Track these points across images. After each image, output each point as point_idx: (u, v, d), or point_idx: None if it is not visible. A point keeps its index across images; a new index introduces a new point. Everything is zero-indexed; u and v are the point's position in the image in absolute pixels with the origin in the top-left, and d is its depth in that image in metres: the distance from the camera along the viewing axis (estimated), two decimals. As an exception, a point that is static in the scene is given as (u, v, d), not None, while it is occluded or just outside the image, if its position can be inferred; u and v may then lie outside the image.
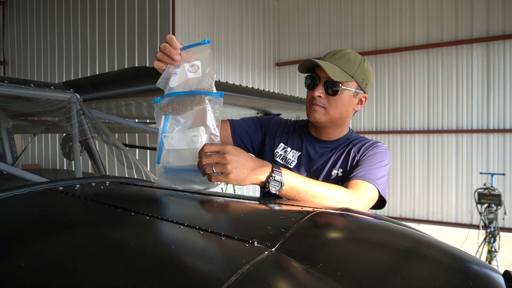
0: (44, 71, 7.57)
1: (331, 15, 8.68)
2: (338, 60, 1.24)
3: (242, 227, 0.76)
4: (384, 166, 1.27)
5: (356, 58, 1.27)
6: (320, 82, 1.25)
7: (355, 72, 1.25)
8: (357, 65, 1.26)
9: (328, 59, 1.25)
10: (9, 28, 8.03)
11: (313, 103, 1.27)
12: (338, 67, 1.23)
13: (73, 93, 1.85)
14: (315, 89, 1.25)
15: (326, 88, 1.24)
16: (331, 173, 1.32)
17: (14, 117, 2.52)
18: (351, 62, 1.25)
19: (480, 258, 2.71)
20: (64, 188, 1.00)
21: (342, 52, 1.26)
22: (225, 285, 0.47)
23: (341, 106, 1.28)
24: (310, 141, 1.39)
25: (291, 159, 1.37)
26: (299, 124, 1.47)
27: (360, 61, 1.28)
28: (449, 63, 7.44)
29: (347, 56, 1.25)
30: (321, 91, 1.25)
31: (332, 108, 1.26)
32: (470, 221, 6.43)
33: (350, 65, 1.24)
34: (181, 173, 1.00)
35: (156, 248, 0.64)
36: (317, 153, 1.36)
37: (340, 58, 1.24)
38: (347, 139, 1.37)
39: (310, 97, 1.29)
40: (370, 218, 0.83)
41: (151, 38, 6.19)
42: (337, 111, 1.28)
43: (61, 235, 0.71)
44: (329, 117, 1.28)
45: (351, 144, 1.34)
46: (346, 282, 0.54)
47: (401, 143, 7.95)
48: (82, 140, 1.80)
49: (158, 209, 0.87)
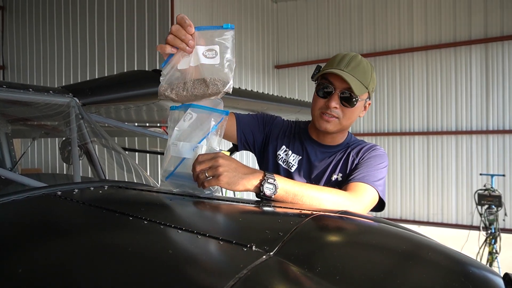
0: (44, 75, 7.58)
1: (329, 18, 8.70)
2: (355, 71, 1.20)
3: (240, 231, 0.75)
4: (383, 169, 1.27)
5: (368, 67, 1.25)
6: (335, 92, 1.21)
7: (369, 82, 1.24)
8: (369, 75, 1.24)
9: (345, 68, 1.20)
10: (8, 32, 8.04)
11: (326, 112, 1.23)
12: (357, 80, 1.20)
13: (72, 98, 1.85)
14: (331, 100, 1.21)
15: (343, 100, 1.22)
16: (331, 178, 1.31)
17: (13, 122, 2.52)
18: (366, 73, 1.22)
19: (480, 260, 2.70)
20: (63, 193, 1.00)
21: (357, 60, 1.22)
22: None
23: (354, 116, 1.27)
24: (311, 145, 1.38)
25: (292, 163, 1.37)
26: (299, 127, 1.45)
27: (371, 70, 1.26)
28: (448, 64, 7.45)
29: (362, 66, 1.22)
30: (337, 102, 1.21)
31: (346, 119, 1.25)
32: (471, 223, 6.41)
33: (365, 75, 1.22)
34: (184, 180, 1.01)
35: (154, 252, 0.64)
36: (318, 158, 1.35)
37: (356, 67, 1.21)
38: (347, 144, 1.36)
39: (322, 106, 1.25)
40: (368, 221, 0.82)
41: (150, 41, 6.20)
42: (349, 122, 1.27)
43: (59, 240, 0.71)
44: (340, 127, 1.27)
45: (350, 148, 1.34)
46: (344, 285, 0.54)
47: (401, 145, 7.95)
48: (81, 144, 1.79)
49: (156, 213, 0.87)
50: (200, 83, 0.95)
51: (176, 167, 0.99)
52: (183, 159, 0.98)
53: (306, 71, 9.00)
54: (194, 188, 1.00)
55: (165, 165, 1.01)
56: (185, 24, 0.92)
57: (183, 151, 0.97)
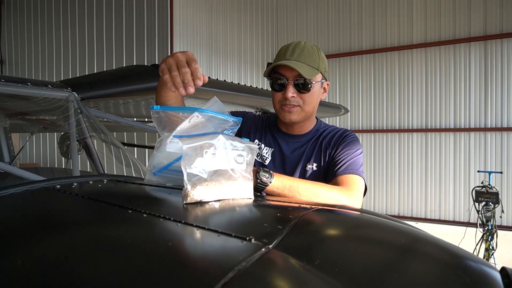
0: (42, 70, 7.55)
1: (329, 14, 8.68)
2: (301, 57, 1.23)
3: (239, 224, 0.76)
4: (360, 154, 1.31)
5: (313, 49, 1.26)
6: (288, 82, 1.24)
7: (318, 64, 1.26)
8: (317, 56, 1.26)
9: (291, 57, 1.23)
10: (6, 27, 8.00)
11: (286, 104, 1.26)
12: (305, 64, 1.22)
13: (71, 92, 1.85)
14: (286, 90, 1.24)
15: (298, 87, 1.24)
16: (306, 168, 1.32)
17: (11, 116, 2.51)
18: (312, 55, 1.25)
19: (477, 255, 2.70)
20: (62, 187, 1.00)
21: (300, 47, 1.25)
22: (221, 282, 0.47)
23: (314, 100, 1.30)
24: (281, 137, 1.39)
25: (265, 155, 1.38)
26: (269, 120, 1.47)
27: (317, 51, 1.28)
28: (447, 61, 7.45)
29: (306, 50, 1.24)
30: (293, 91, 1.24)
31: (307, 104, 1.28)
32: (468, 219, 6.44)
33: (312, 58, 1.24)
34: (180, 174, 0.99)
35: (153, 245, 0.64)
36: (290, 149, 1.37)
37: (301, 53, 1.23)
38: (317, 131, 1.39)
39: (280, 99, 1.28)
40: (367, 215, 0.83)
41: (149, 36, 6.18)
42: (311, 106, 1.30)
43: (58, 233, 0.71)
44: (304, 113, 1.30)
45: (321, 136, 1.36)
46: (343, 278, 0.54)
47: (399, 142, 7.96)
48: (80, 139, 1.79)
49: (155, 206, 0.87)
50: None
51: (172, 163, 0.98)
52: (182, 155, 0.97)
53: (305, 68, 8.97)
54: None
55: (155, 160, 0.98)
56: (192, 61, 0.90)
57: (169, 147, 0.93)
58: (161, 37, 6.09)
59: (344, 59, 8.55)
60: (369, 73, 8.25)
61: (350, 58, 8.48)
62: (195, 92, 1.00)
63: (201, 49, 6.87)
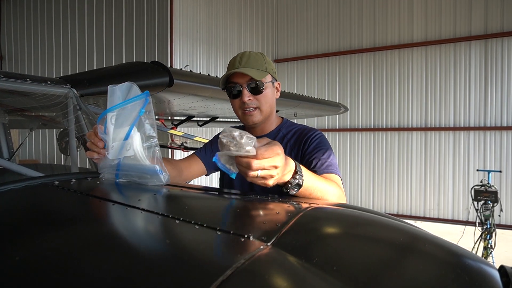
0: (42, 66, 7.53)
1: (329, 12, 8.66)
2: (249, 63, 1.34)
3: (237, 222, 0.75)
4: (332, 151, 1.35)
5: (258, 55, 1.38)
6: (243, 87, 1.34)
7: (266, 66, 1.37)
8: (263, 60, 1.38)
9: (239, 65, 1.34)
10: (6, 23, 7.98)
11: (245, 108, 1.36)
12: (254, 68, 1.33)
13: (70, 88, 1.84)
14: (243, 95, 1.34)
15: (252, 90, 1.34)
16: None
17: (10, 112, 2.51)
18: (258, 60, 1.36)
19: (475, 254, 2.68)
20: (60, 183, 1.00)
21: (246, 55, 1.37)
22: (220, 279, 0.47)
23: (270, 100, 1.40)
24: None
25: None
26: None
27: (263, 56, 1.40)
28: (447, 60, 7.45)
29: (252, 56, 1.36)
30: (248, 95, 1.34)
31: (264, 104, 1.37)
32: (467, 218, 6.46)
33: (258, 62, 1.36)
34: (131, 170, 1.01)
35: (151, 242, 0.64)
36: None
37: (248, 60, 1.35)
38: (279, 131, 1.46)
39: (240, 105, 1.38)
40: (365, 213, 0.83)
41: (149, 33, 6.17)
42: (268, 105, 1.39)
43: (56, 229, 0.71)
44: (263, 114, 1.39)
45: (285, 138, 1.43)
46: (341, 276, 0.54)
47: (399, 140, 7.97)
48: (79, 136, 1.79)
49: (154, 204, 0.87)
50: None
51: (119, 164, 1.01)
52: (121, 158, 1.00)
53: (305, 66, 8.98)
54: (141, 177, 1.01)
55: (105, 163, 1.03)
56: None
57: (120, 152, 0.99)
58: (161, 33, 6.08)
59: (344, 57, 8.54)
60: (369, 72, 8.25)
61: (350, 56, 8.47)
62: (197, 90, 1.01)
63: (201, 45, 6.86)
